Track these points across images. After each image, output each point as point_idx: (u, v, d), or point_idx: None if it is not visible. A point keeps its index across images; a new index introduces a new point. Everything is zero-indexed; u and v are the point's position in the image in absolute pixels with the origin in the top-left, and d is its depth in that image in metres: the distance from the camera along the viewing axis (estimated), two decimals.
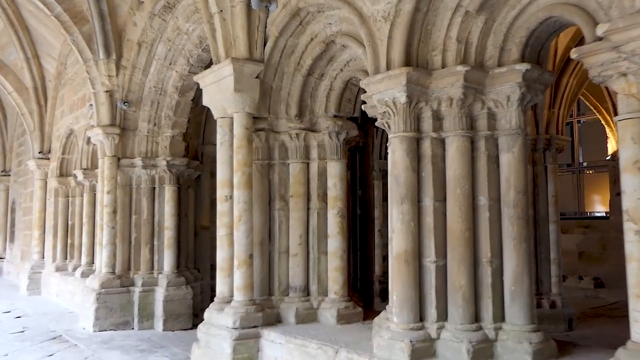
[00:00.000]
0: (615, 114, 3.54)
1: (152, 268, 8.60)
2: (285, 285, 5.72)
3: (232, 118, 5.68)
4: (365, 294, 6.33)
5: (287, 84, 5.75)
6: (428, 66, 4.32)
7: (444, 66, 4.26)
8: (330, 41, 5.43)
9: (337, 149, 5.71)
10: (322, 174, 5.76)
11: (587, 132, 13.67)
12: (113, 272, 8.32)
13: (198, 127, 9.34)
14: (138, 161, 8.58)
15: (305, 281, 5.69)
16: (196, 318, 8.65)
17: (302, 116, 5.73)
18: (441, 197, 4.28)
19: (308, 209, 5.77)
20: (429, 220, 4.24)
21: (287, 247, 5.75)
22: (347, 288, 5.65)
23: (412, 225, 4.21)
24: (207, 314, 5.58)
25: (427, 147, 4.30)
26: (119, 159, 8.56)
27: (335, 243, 5.63)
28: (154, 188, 8.72)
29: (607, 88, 11.58)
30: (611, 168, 11.85)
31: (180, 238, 8.74)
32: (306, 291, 5.69)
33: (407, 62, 4.22)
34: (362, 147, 6.48)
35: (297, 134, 5.69)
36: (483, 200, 4.21)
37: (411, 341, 4.00)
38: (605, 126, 12.10)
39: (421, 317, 4.20)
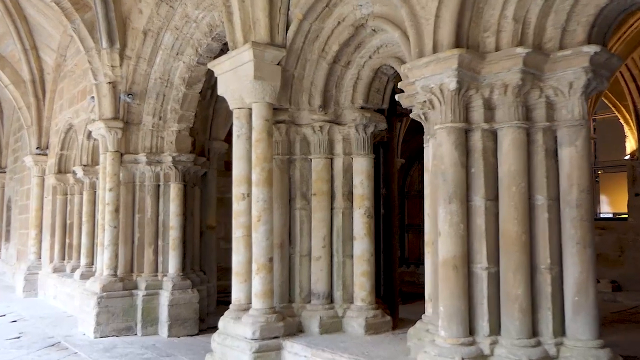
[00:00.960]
0: (637, 112, 3.05)
1: (156, 270, 8.07)
2: (307, 292, 5.21)
3: (250, 109, 5.17)
4: (389, 300, 5.83)
5: (310, 72, 5.25)
6: (479, 49, 3.82)
7: (497, 49, 3.76)
8: (360, 25, 4.92)
9: (364, 144, 5.21)
10: (347, 171, 5.26)
11: (603, 130, 13.19)
12: (115, 275, 7.79)
13: (205, 122, 8.81)
14: (142, 157, 8.05)
15: (329, 287, 5.18)
16: (202, 323, 8.16)
17: (327, 107, 5.23)
18: (493, 196, 3.78)
19: (332, 208, 5.27)
20: (479, 221, 3.75)
21: (308, 249, 5.24)
22: (374, 295, 5.15)
23: (461, 227, 3.71)
24: (222, 323, 5.07)
25: (477, 139, 3.80)
26: (121, 155, 8.03)
27: (362, 246, 5.13)
28: (159, 185, 8.19)
29: (627, 85, 11.25)
30: (630, 168, 11.39)
31: (185, 238, 8.22)
32: (329, 298, 5.19)
33: (457, 44, 3.73)
34: (387, 143, 5.98)
35: (320, 127, 5.19)
36: (541, 199, 3.71)
37: (463, 358, 3.51)
38: (624, 124, 11.64)
39: (470, 330, 3.70)
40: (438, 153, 3.83)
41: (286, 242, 5.23)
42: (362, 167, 5.19)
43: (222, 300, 9.48)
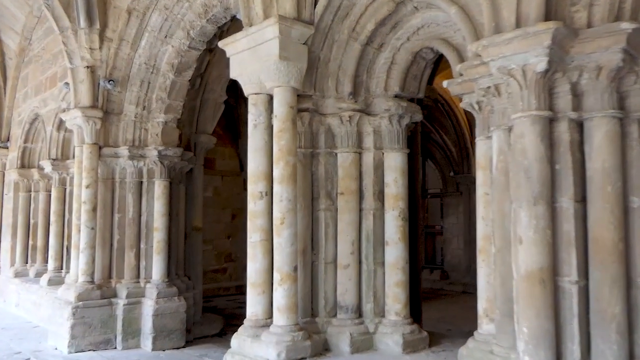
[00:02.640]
0: None
1: (138, 276, 7.20)
2: (332, 304, 4.53)
3: (269, 95, 4.46)
4: (414, 311, 5.20)
5: (337, 54, 4.56)
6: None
7: (589, 25, 3.19)
8: (401, 1, 4.28)
9: (398, 137, 4.57)
10: (378, 167, 4.61)
11: None
12: (92, 281, 6.89)
13: (191, 114, 7.98)
14: (123, 150, 7.17)
15: (357, 299, 4.51)
16: (188, 334, 7.34)
17: (357, 95, 4.56)
18: (580, 197, 3.20)
19: (360, 209, 4.60)
20: (567, 227, 3.16)
21: (334, 256, 4.56)
22: (409, 308, 4.51)
23: (548, 234, 3.11)
24: (237, 341, 4.32)
25: (563, 130, 3.21)
26: (100, 148, 7.14)
27: (395, 252, 4.49)
28: (141, 182, 7.33)
29: None
30: None
31: (170, 241, 7.39)
32: (358, 311, 4.52)
33: (547, 17, 3.13)
34: (411, 136, 5.35)
35: (350, 117, 4.51)
36: (637, 202, 3.16)
37: None
38: None
39: (557, 355, 3.11)
40: (518, 146, 3.21)
41: (309, 247, 4.53)
42: (395, 163, 4.55)
43: (205, 307, 8.70)
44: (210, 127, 8.21)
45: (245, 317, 4.35)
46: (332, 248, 4.55)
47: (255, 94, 4.48)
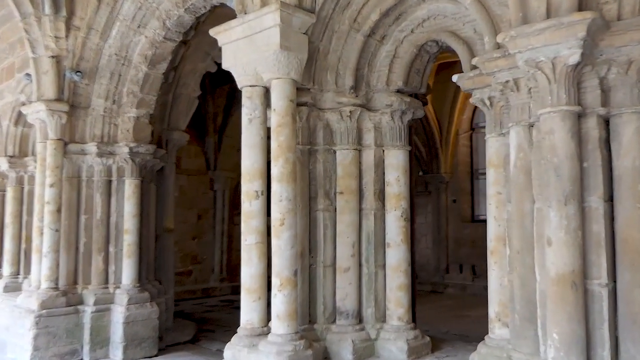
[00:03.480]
0: None
1: (106, 281, 6.75)
2: (331, 310, 4.28)
3: (265, 87, 4.17)
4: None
5: (337, 46, 4.32)
6: None
7: (618, 18, 3.07)
8: None
9: (400, 134, 4.37)
10: (379, 165, 4.40)
11: None
12: (56, 287, 6.40)
13: (163, 109, 7.57)
14: (91, 147, 6.70)
15: (357, 304, 4.28)
16: (160, 341, 6.94)
17: (358, 89, 4.33)
18: (608, 197, 3.08)
19: (360, 209, 4.38)
20: (596, 227, 3.03)
21: (333, 259, 4.32)
22: (412, 312, 4.32)
23: (579, 235, 2.97)
24: (231, 352, 4.01)
25: (591, 127, 3.08)
26: (65, 144, 6.64)
27: (398, 254, 4.28)
28: (110, 181, 6.88)
29: None
30: None
31: (141, 243, 6.96)
32: (358, 317, 4.29)
33: (579, 8, 2.99)
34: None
35: (350, 112, 4.28)
36: None
37: None
38: None
39: None
40: (546, 143, 3.05)
41: (306, 250, 4.28)
42: (397, 161, 4.35)
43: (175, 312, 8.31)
44: (183, 123, 7.82)
45: (216, 322, 4.04)
46: (330, 250, 4.31)
47: (251, 86, 4.19)
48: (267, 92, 4.20)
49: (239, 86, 4.28)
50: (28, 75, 6.98)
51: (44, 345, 6.16)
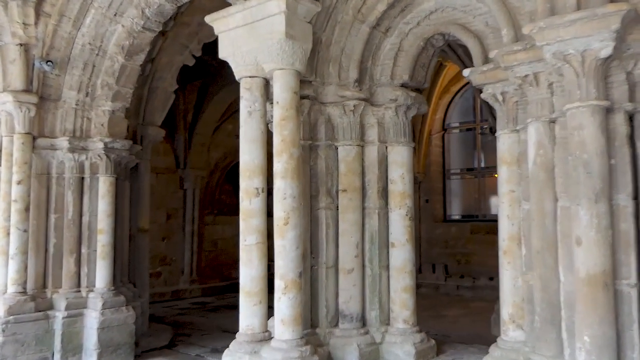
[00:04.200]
0: None
1: (78, 285, 6.34)
2: (333, 313, 4.09)
3: (265, 79, 3.94)
4: None
5: (340, 37, 4.13)
6: None
7: None
8: None
9: (405, 129, 4.21)
10: (382, 162, 4.23)
11: None
12: (24, 292, 5.96)
13: (138, 103, 7.20)
14: (62, 142, 6.28)
15: (361, 306, 4.10)
16: (136, 347, 6.58)
17: (361, 83, 4.15)
18: (635, 194, 3.00)
19: (363, 208, 4.19)
20: (625, 226, 2.94)
21: (335, 260, 4.12)
22: (416, 314, 4.16)
23: (609, 234, 2.87)
24: (231, 359, 3.76)
25: (619, 123, 2.99)
26: (34, 139, 6.21)
27: (403, 254, 4.12)
28: (83, 178, 6.47)
29: None
30: None
31: (115, 244, 6.58)
32: (362, 320, 4.11)
33: None
34: None
35: (354, 106, 4.09)
36: None
37: None
38: None
39: None
40: (575, 139, 2.94)
41: (308, 250, 4.06)
42: (402, 157, 4.19)
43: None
44: (158, 118, 7.47)
45: (191, 326, 3.79)
46: (333, 251, 4.11)
47: (250, 77, 3.94)
48: (267, 83, 3.96)
49: (237, 77, 4.03)
50: None
51: (11, 354, 5.72)
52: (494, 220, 12.11)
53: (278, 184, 3.74)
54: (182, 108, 11.51)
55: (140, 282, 7.20)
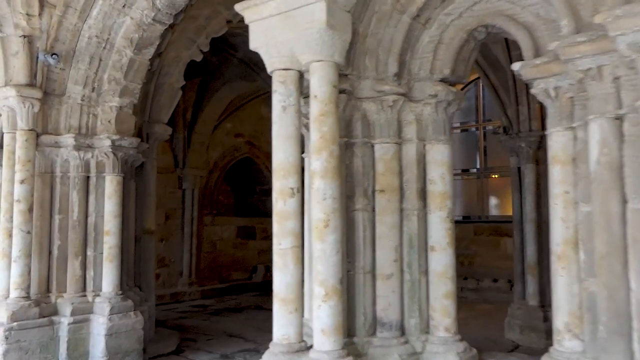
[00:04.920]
0: None
1: (84, 289, 6.02)
2: (371, 321, 3.83)
3: (299, 72, 3.67)
4: None
5: (378, 28, 3.87)
6: None
7: None
8: None
9: (444, 127, 3.96)
10: (420, 162, 3.98)
11: None
12: (27, 297, 5.62)
13: (144, 100, 6.86)
14: (68, 139, 5.95)
15: (400, 314, 3.84)
16: (144, 354, 6.28)
17: (400, 77, 3.89)
18: None
19: (401, 210, 3.94)
20: None
21: (372, 265, 3.86)
22: (457, 322, 3.92)
23: None
24: None
25: None
26: (37, 135, 5.87)
27: (444, 259, 3.87)
28: (88, 178, 6.14)
29: None
30: None
31: (122, 246, 6.26)
32: (401, 328, 3.85)
33: None
34: None
35: (393, 102, 3.84)
36: None
37: None
38: None
39: None
40: None
41: (344, 255, 3.79)
42: (441, 156, 3.94)
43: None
44: (165, 115, 7.15)
45: (195, 330, 3.52)
46: (370, 255, 3.85)
47: (284, 69, 3.66)
48: (301, 77, 3.69)
49: (269, 70, 3.74)
50: None
51: None
52: (498, 222, 11.95)
53: (317, 183, 3.47)
54: (182, 106, 11.16)
55: (146, 286, 6.89)
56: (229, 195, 13.45)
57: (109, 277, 5.95)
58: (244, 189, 13.79)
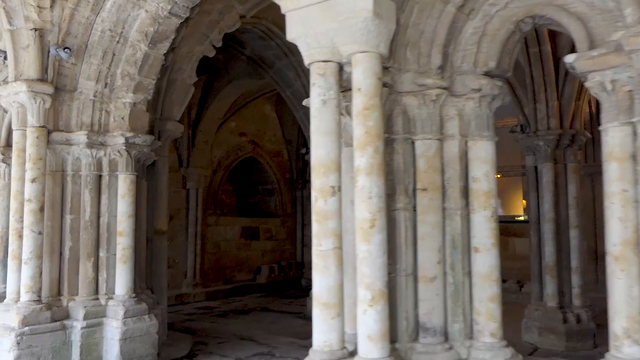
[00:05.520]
0: None
1: (96, 291, 5.77)
2: (413, 326, 3.62)
3: (339, 64, 3.46)
4: None
5: (419, 19, 3.67)
6: None
7: None
8: None
9: (488, 122, 3.77)
10: (462, 159, 3.78)
11: None
12: (39, 300, 5.37)
13: (156, 96, 6.62)
14: (79, 136, 5.71)
15: (444, 318, 3.65)
16: (158, 358, 6.04)
17: (443, 70, 3.70)
18: None
19: (443, 209, 3.74)
20: None
21: (413, 266, 3.66)
22: (502, 327, 3.73)
23: None
24: None
25: None
26: (48, 132, 5.62)
27: (489, 260, 3.67)
28: (101, 176, 5.90)
29: None
30: None
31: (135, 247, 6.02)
32: (445, 334, 3.65)
33: None
34: None
35: (436, 96, 3.64)
36: None
37: None
38: None
39: None
40: None
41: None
42: (485, 153, 3.74)
43: None
44: (177, 112, 6.91)
45: (204, 333, 3.30)
46: (410, 256, 3.65)
47: (324, 61, 3.45)
48: (340, 69, 3.49)
49: (306, 62, 3.53)
50: (0, 51, 5.86)
51: None
52: (506, 222, 11.71)
53: (362, 181, 3.26)
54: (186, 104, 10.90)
55: (158, 288, 6.65)
56: (231, 195, 13.21)
57: (122, 280, 5.71)
58: (246, 188, 13.56)
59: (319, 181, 3.37)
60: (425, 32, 3.65)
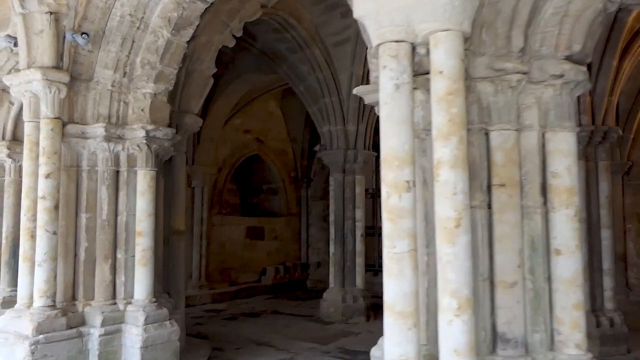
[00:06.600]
0: None
1: (114, 296, 5.31)
2: (491, 335, 3.23)
3: (412, 44, 3.06)
4: None
5: None
6: None
7: None
8: None
9: (570, 112, 3.39)
10: (540, 152, 3.41)
11: None
12: (53, 305, 4.90)
13: (174, 88, 6.16)
14: (96, 129, 5.24)
15: (524, 328, 3.26)
16: None
17: (523, 54, 3.31)
18: None
19: (520, 207, 3.36)
20: None
21: (490, 270, 3.27)
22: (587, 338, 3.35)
23: None
24: None
25: None
26: (63, 125, 5.15)
27: (572, 264, 3.29)
28: (118, 172, 5.44)
29: None
30: None
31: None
32: (525, 345, 3.27)
33: None
34: None
35: (517, 82, 3.26)
36: None
37: None
38: None
39: None
40: None
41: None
42: (567, 145, 3.36)
43: None
44: (195, 105, 6.47)
45: (218, 338, 2.90)
46: (487, 260, 3.26)
47: (396, 41, 3.05)
48: (413, 50, 3.09)
49: (374, 42, 3.12)
50: (9, 37, 5.38)
51: None
52: None
53: (445, 175, 2.87)
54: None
55: (176, 291, 6.20)
56: (235, 194, 12.76)
57: (142, 283, 5.26)
58: (250, 188, 13.11)
59: (392, 175, 2.96)
60: (503, 11, 3.27)
